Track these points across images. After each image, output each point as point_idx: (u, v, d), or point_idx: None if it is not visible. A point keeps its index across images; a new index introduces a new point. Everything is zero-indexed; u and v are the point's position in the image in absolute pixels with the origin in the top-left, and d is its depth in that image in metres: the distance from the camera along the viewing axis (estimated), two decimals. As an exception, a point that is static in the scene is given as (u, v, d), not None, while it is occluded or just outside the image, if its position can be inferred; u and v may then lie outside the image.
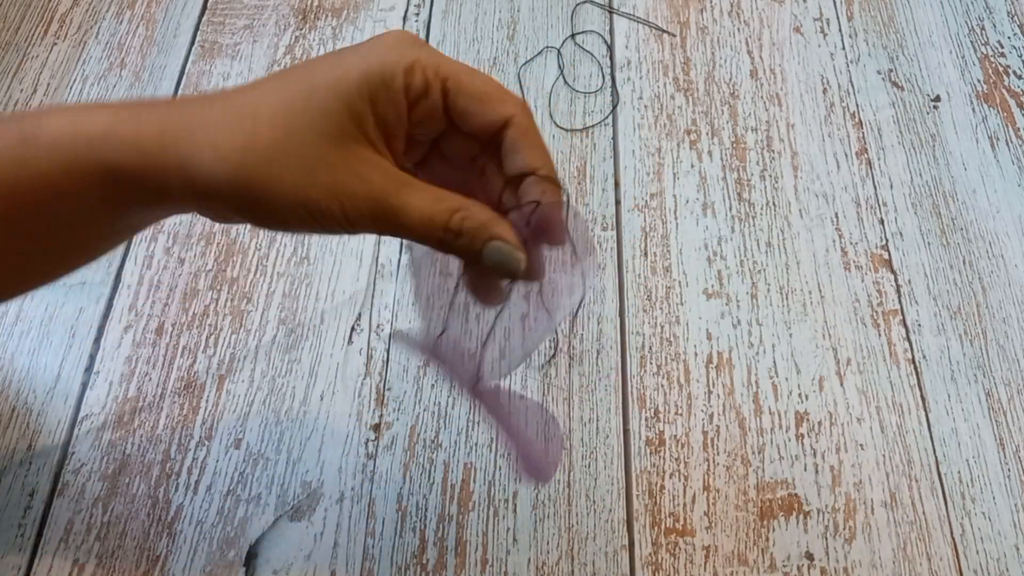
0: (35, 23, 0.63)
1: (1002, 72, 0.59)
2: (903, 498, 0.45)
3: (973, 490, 0.45)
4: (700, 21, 0.62)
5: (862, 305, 0.51)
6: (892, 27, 0.62)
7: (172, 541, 0.44)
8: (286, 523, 0.45)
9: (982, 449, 0.46)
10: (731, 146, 0.57)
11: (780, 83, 0.59)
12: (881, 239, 0.53)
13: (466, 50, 0.61)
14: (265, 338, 0.50)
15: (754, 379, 0.48)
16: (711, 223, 0.54)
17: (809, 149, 0.57)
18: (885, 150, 0.56)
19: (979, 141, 0.57)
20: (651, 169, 0.56)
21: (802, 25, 0.62)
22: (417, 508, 0.45)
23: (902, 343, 0.49)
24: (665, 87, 0.59)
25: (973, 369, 0.48)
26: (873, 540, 0.44)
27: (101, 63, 0.61)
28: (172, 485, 0.46)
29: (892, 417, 0.47)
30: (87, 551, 0.44)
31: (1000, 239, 0.53)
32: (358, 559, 0.44)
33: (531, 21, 0.63)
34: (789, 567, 0.43)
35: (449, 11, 0.63)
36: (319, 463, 0.46)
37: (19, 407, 0.48)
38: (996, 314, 0.50)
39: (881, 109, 0.58)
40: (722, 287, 0.51)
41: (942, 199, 0.54)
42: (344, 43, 0.62)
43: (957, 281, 0.51)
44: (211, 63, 0.61)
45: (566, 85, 0.59)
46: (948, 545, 0.44)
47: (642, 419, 0.47)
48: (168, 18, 0.64)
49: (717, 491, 0.45)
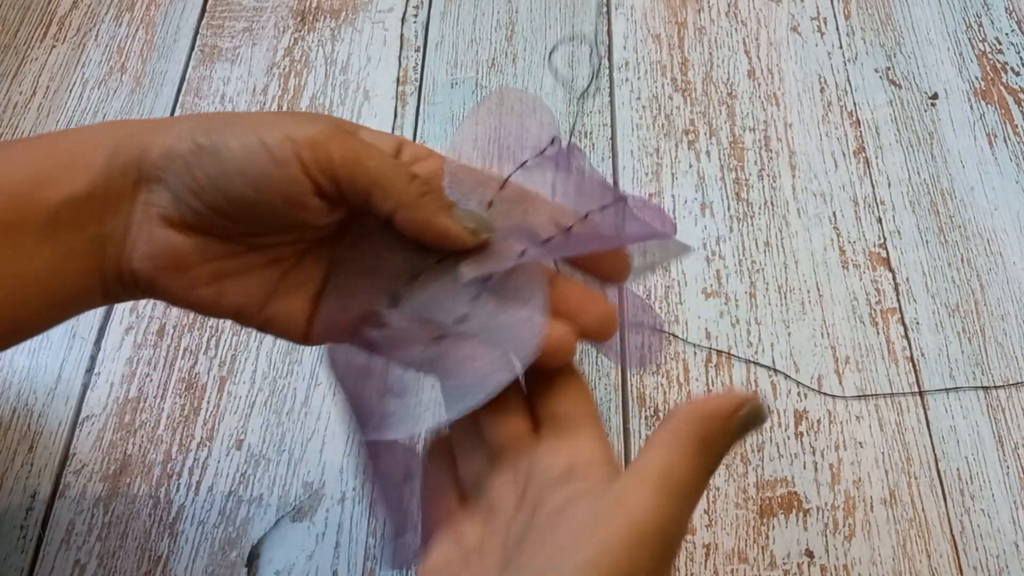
0: (34, 25, 0.63)
1: (1000, 69, 0.60)
2: (902, 495, 0.45)
3: (972, 487, 0.45)
4: (698, 21, 0.62)
5: (860, 303, 0.51)
6: (889, 25, 0.62)
7: (174, 542, 0.44)
8: (288, 523, 0.45)
9: (981, 446, 0.46)
10: (729, 146, 0.57)
11: (778, 83, 0.59)
12: (879, 237, 0.53)
13: (464, 51, 0.62)
14: (266, 340, 0.50)
15: (753, 378, 0.48)
16: (709, 223, 0.54)
17: (807, 148, 0.57)
18: (883, 148, 0.57)
19: (977, 138, 0.57)
20: (649, 169, 0.56)
21: (799, 24, 0.62)
22: (417, 509, 0.45)
23: (900, 341, 0.49)
24: (663, 87, 0.59)
25: (972, 367, 0.49)
26: (873, 537, 0.44)
27: (101, 67, 0.61)
28: (173, 485, 0.46)
29: (891, 415, 0.47)
30: (88, 552, 0.44)
31: (998, 236, 0.53)
32: (360, 559, 0.44)
33: (529, 22, 0.63)
34: (789, 564, 0.43)
35: (447, 12, 0.64)
36: (320, 464, 0.46)
37: (20, 408, 0.48)
38: (994, 311, 0.50)
39: (879, 107, 0.58)
40: (721, 286, 0.51)
41: (940, 197, 0.55)
42: (343, 45, 0.62)
43: (955, 279, 0.52)
44: (211, 68, 0.61)
45: (564, 86, 0.60)
46: (948, 542, 0.44)
47: (642, 418, 0.47)
48: (167, 21, 0.64)
49: (717, 489, 0.45)
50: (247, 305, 0.29)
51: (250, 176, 0.27)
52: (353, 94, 0.60)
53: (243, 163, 0.27)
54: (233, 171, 0.27)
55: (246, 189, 0.27)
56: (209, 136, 0.27)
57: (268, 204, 0.27)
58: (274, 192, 0.27)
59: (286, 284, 0.30)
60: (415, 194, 0.28)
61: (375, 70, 0.61)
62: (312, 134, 0.27)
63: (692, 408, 0.25)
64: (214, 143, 0.27)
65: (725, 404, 0.25)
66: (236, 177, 0.27)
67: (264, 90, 0.60)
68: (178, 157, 0.27)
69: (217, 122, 0.28)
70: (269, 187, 0.27)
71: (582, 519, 0.23)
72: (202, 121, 0.28)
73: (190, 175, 0.27)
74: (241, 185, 0.27)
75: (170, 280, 0.28)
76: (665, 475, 0.23)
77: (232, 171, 0.27)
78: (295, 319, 0.30)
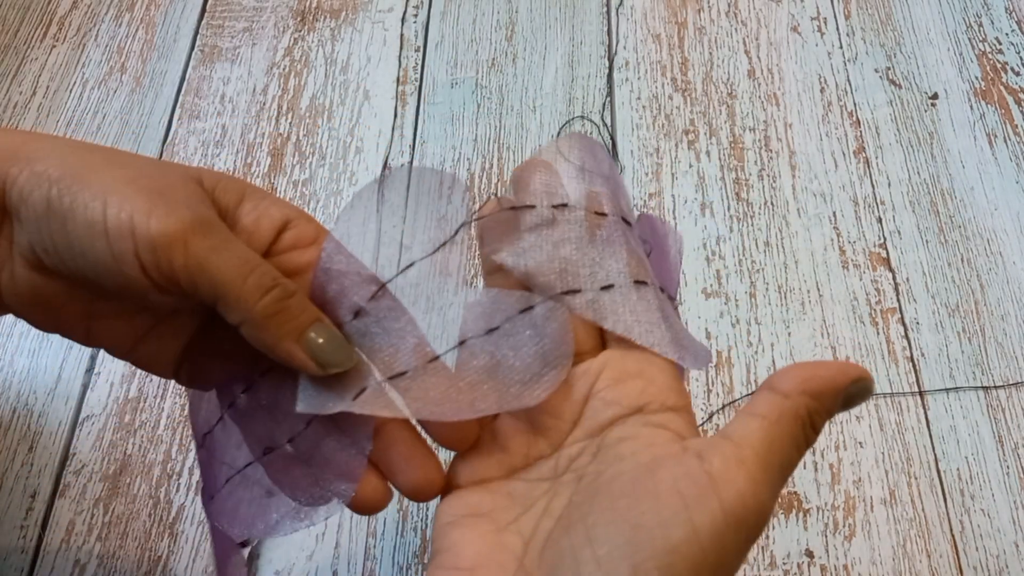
0: (34, 25, 0.63)
1: (1000, 69, 0.60)
2: (902, 495, 0.45)
3: (972, 487, 0.45)
4: (698, 21, 0.62)
5: (860, 303, 0.51)
6: (890, 25, 0.62)
7: (174, 541, 0.44)
8: (287, 523, 0.45)
9: (981, 446, 0.46)
10: (729, 146, 0.57)
11: (778, 83, 0.59)
12: (879, 237, 0.53)
13: (464, 51, 0.62)
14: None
15: (753, 378, 0.48)
16: (709, 223, 0.54)
17: (807, 148, 0.57)
18: (883, 148, 0.57)
19: (977, 138, 0.57)
20: (649, 169, 0.56)
21: (799, 24, 0.62)
22: (418, 508, 0.45)
23: (900, 341, 0.49)
24: (663, 87, 0.59)
25: (972, 366, 0.49)
26: (873, 537, 0.44)
27: (101, 67, 0.61)
28: (173, 485, 0.46)
29: (891, 415, 0.47)
30: (88, 552, 0.44)
31: (998, 236, 0.53)
32: (360, 559, 0.44)
33: (529, 22, 0.63)
34: (789, 564, 0.43)
35: (448, 12, 0.64)
36: (320, 463, 0.46)
37: (20, 409, 0.48)
38: (994, 311, 0.50)
39: (879, 107, 0.58)
40: (721, 286, 0.51)
41: (940, 197, 0.55)
42: (343, 45, 0.62)
43: (955, 279, 0.52)
44: (211, 68, 0.61)
45: (564, 86, 0.60)
46: (948, 542, 0.44)
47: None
48: (167, 21, 0.64)
49: (717, 489, 0.45)
50: (116, 346, 0.28)
51: (90, 260, 0.24)
52: (353, 94, 0.60)
53: (84, 243, 0.24)
54: (76, 248, 0.24)
55: (87, 270, 0.25)
56: (61, 196, 0.24)
57: (113, 288, 0.25)
58: (114, 281, 0.25)
59: (158, 330, 0.28)
60: (262, 314, 0.25)
61: (375, 70, 0.61)
62: (156, 233, 0.24)
63: (800, 380, 0.23)
64: (63, 207, 0.24)
65: (837, 380, 0.23)
66: (79, 256, 0.24)
67: (264, 90, 0.60)
68: (31, 209, 0.25)
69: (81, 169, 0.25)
70: (109, 275, 0.25)
71: (667, 488, 0.22)
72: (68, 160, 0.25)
73: (39, 233, 0.25)
74: (83, 265, 0.25)
75: (35, 315, 0.27)
76: (764, 457, 0.22)
77: (75, 248, 0.24)
78: (165, 364, 0.29)
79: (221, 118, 0.59)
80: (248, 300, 0.25)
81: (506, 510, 0.25)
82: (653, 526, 0.21)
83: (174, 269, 0.24)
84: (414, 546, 0.44)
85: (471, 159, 0.57)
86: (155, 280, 0.24)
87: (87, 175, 0.25)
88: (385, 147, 0.57)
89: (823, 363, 0.24)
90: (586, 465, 0.25)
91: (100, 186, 0.24)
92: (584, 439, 0.26)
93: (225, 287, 0.25)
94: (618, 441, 0.25)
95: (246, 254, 0.26)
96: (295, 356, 0.25)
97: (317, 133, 0.58)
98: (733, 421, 0.23)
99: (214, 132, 0.58)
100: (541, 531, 0.24)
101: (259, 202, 0.28)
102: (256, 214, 0.28)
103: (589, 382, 0.26)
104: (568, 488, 0.25)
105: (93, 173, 0.25)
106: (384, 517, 0.45)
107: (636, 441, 0.24)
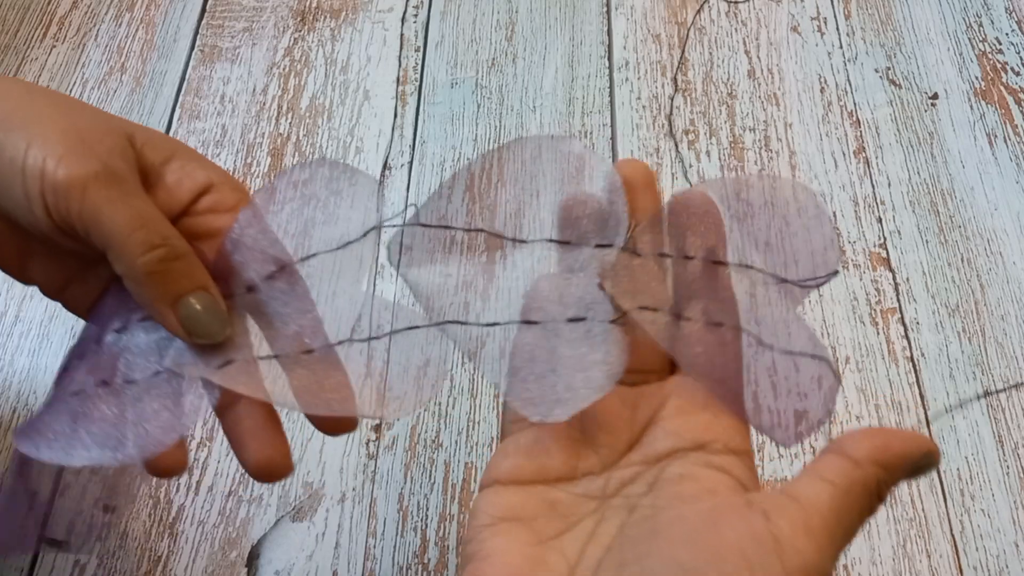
0: (34, 25, 0.63)
1: (1000, 69, 0.60)
2: (902, 495, 0.45)
3: (972, 487, 0.45)
4: (698, 21, 0.62)
5: (860, 303, 0.51)
6: (890, 25, 0.62)
7: (174, 542, 0.44)
8: (288, 524, 0.45)
9: (981, 446, 0.46)
10: (729, 146, 0.57)
11: (778, 83, 0.59)
12: (879, 237, 0.53)
13: (464, 51, 0.62)
14: (265, 339, 0.50)
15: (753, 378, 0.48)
16: (710, 222, 0.54)
17: (807, 148, 0.57)
18: (883, 148, 0.57)
19: (977, 138, 0.57)
20: (650, 169, 0.56)
21: (799, 24, 0.62)
22: (418, 508, 0.45)
23: (900, 341, 0.49)
24: (663, 87, 0.59)
25: (972, 366, 0.49)
26: (873, 537, 0.44)
27: (101, 67, 0.61)
28: (173, 485, 0.46)
29: (891, 415, 0.47)
30: (88, 552, 0.44)
31: (998, 236, 0.53)
32: (360, 559, 0.44)
33: (529, 22, 0.63)
34: (789, 565, 0.43)
35: (448, 12, 0.64)
36: (320, 464, 0.46)
37: (20, 409, 0.48)
38: (994, 311, 0.50)
39: (879, 107, 0.58)
40: (721, 286, 0.51)
41: (940, 197, 0.55)
42: (343, 45, 0.62)
43: (955, 279, 0.52)
44: (211, 68, 0.61)
45: (564, 86, 0.60)
46: (948, 542, 0.44)
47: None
48: (167, 21, 0.64)
49: (717, 489, 0.45)
50: (47, 285, 0.29)
51: (10, 197, 0.25)
52: (353, 94, 0.60)
53: (6, 180, 0.25)
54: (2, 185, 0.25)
55: (9, 207, 0.26)
56: None
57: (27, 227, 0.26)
58: (26, 219, 0.26)
59: (84, 274, 0.29)
60: (142, 270, 0.25)
61: (375, 70, 0.61)
62: (61, 177, 0.25)
63: (872, 449, 0.22)
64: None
65: (909, 451, 0.22)
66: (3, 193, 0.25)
67: (264, 90, 0.60)
68: None
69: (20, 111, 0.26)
70: (22, 213, 0.25)
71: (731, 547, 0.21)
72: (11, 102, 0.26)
73: None
74: (7, 203, 0.25)
75: None
76: (832, 526, 0.22)
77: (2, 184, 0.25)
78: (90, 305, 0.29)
79: (221, 118, 0.59)
80: (131, 254, 0.25)
81: (548, 521, 0.24)
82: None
83: (71, 214, 0.25)
84: (414, 546, 0.44)
85: (471, 159, 0.57)
86: (56, 223, 0.25)
87: (24, 117, 0.26)
88: (385, 147, 0.57)
89: (896, 433, 0.23)
90: (640, 495, 0.24)
91: (30, 129, 0.25)
92: (639, 464, 0.25)
93: (112, 238, 0.25)
94: (679, 479, 0.24)
95: (143, 209, 0.26)
96: (167, 319, 0.26)
97: (317, 133, 0.58)
98: (799, 480, 0.23)
99: (214, 132, 0.58)
100: (588, 558, 0.23)
101: (186, 163, 0.28)
102: (180, 174, 0.28)
103: (654, 407, 0.26)
104: (618, 515, 0.24)
105: (31, 116, 0.26)
106: (384, 517, 0.45)
107: (697, 484, 0.24)
